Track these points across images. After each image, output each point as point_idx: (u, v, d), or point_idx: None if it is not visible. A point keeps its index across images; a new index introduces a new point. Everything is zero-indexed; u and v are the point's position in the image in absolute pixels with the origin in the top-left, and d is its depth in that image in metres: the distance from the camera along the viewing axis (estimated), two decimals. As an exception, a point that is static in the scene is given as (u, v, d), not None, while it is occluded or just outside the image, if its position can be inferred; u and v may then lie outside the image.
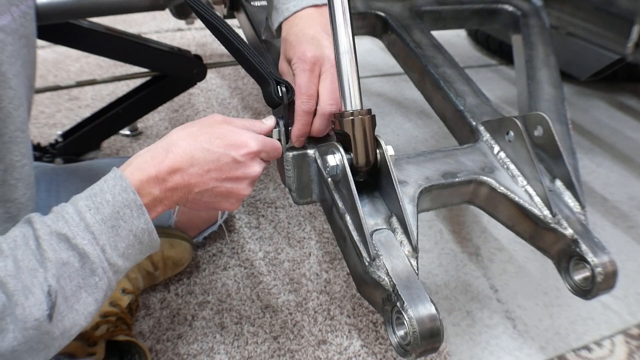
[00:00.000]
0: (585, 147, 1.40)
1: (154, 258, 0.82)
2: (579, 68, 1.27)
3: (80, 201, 0.48)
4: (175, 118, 1.39)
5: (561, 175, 0.64)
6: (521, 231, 0.63)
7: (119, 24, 1.30)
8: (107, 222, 0.47)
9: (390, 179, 0.53)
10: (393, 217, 0.55)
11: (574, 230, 0.58)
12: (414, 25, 0.92)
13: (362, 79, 1.80)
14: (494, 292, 0.93)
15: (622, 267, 1.00)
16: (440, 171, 0.61)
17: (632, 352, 0.83)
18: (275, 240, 1.00)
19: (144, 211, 0.49)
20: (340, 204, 0.54)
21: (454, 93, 0.77)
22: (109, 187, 0.49)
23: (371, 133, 0.54)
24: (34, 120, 1.33)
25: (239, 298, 0.87)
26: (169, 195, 0.51)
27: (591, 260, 0.55)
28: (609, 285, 0.55)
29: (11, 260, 0.43)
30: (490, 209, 0.64)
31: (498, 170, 0.63)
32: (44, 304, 0.43)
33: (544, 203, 0.60)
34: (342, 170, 0.52)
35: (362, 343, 0.81)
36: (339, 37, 0.54)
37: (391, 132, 1.42)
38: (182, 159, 0.51)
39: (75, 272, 0.46)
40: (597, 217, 1.13)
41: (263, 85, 0.58)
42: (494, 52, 1.95)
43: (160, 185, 0.50)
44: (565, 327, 0.87)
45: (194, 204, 0.54)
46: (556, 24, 1.16)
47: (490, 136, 0.68)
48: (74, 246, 0.45)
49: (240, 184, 0.54)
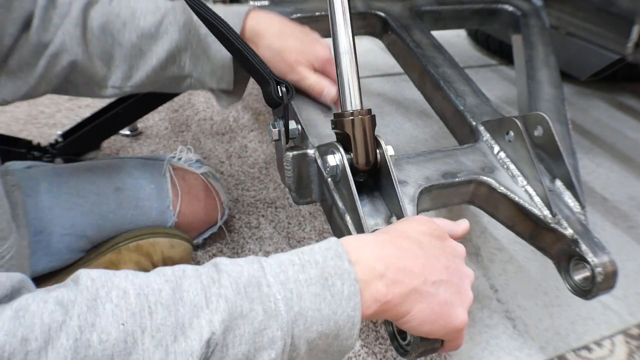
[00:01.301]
0: (585, 147, 1.40)
1: (154, 259, 0.82)
2: (579, 68, 1.28)
3: (283, 255, 0.39)
4: (175, 118, 1.39)
5: (561, 175, 0.64)
6: (521, 231, 0.63)
7: (119, 24, 1.31)
8: (311, 287, 0.36)
9: (390, 179, 0.53)
10: (393, 217, 0.55)
11: (574, 230, 0.58)
12: (413, 25, 0.92)
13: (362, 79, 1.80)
14: (494, 292, 0.93)
15: (622, 267, 1.00)
16: (440, 171, 0.62)
17: (632, 352, 0.83)
18: (275, 240, 1.00)
19: (357, 290, 0.37)
20: (340, 204, 0.54)
21: (454, 93, 0.77)
22: (320, 248, 0.39)
23: (371, 133, 0.54)
24: (34, 120, 1.33)
25: (239, 298, 0.87)
26: (391, 289, 0.39)
27: (591, 260, 0.55)
28: (609, 285, 0.55)
29: (170, 287, 0.34)
30: (490, 208, 0.64)
31: (498, 170, 0.63)
32: (195, 354, 0.32)
33: (544, 203, 0.60)
34: (342, 170, 0.52)
35: (362, 343, 0.81)
36: (338, 37, 0.54)
37: (391, 132, 1.42)
38: None
39: (250, 333, 0.34)
40: (597, 217, 1.13)
41: (263, 85, 0.58)
42: (494, 52, 1.95)
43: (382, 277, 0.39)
44: (565, 327, 0.87)
45: (427, 306, 0.40)
46: (556, 24, 1.16)
47: (490, 136, 0.68)
48: (264, 296, 0.35)
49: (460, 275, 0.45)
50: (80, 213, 0.75)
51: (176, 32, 0.62)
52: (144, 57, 0.63)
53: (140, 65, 0.64)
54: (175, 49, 0.63)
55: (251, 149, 1.28)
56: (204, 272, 0.36)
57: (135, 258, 0.80)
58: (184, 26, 0.63)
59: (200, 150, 1.26)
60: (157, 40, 0.62)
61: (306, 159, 0.58)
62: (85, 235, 0.76)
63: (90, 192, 0.77)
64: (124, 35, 0.62)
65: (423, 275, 0.40)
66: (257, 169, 1.20)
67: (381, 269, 0.39)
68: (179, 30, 0.63)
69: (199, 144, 1.29)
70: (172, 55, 0.63)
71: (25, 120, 1.32)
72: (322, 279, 0.37)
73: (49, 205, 0.73)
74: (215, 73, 0.66)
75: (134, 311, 0.32)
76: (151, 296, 0.33)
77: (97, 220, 0.77)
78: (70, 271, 0.76)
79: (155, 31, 0.62)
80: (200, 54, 0.64)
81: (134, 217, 0.80)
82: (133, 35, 0.62)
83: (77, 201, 0.75)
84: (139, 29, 0.62)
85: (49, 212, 0.72)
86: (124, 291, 0.33)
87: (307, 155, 0.58)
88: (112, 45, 0.62)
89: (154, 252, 0.82)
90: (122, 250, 0.79)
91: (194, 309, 0.33)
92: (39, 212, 0.72)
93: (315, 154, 0.57)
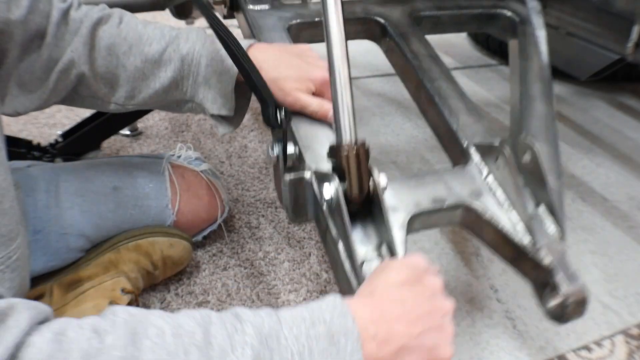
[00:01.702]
0: (585, 147, 1.40)
1: (154, 258, 0.82)
2: (579, 68, 1.28)
3: (294, 310, 0.43)
4: (175, 118, 1.39)
5: (545, 202, 0.67)
6: (503, 255, 0.67)
7: (119, 23, 1.30)
8: (320, 343, 0.40)
9: (381, 209, 0.56)
10: (383, 245, 0.58)
11: (552, 260, 0.61)
12: (412, 33, 0.93)
13: (362, 79, 1.81)
14: (494, 292, 0.93)
15: (622, 267, 1.01)
16: (430, 196, 0.64)
17: (632, 352, 0.83)
18: (275, 240, 1.00)
19: (360, 347, 0.41)
20: (334, 231, 0.57)
21: (447, 110, 0.78)
22: (327, 306, 0.43)
23: (365, 166, 0.56)
24: (34, 120, 1.33)
25: (239, 298, 0.87)
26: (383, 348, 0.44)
27: (564, 291, 0.60)
28: (579, 312, 0.61)
29: (201, 331, 0.38)
30: (476, 231, 0.68)
31: (485, 196, 0.66)
32: None
33: (526, 232, 0.63)
34: (337, 201, 0.54)
35: (362, 343, 0.81)
36: (336, 74, 0.55)
37: (391, 132, 1.42)
38: None
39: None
40: (597, 217, 1.13)
41: (262, 105, 0.60)
42: (494, 52, 1.95)
43: None
44: (565, 327, 0.87)
45: (416, 356, 0.46)
46: (556, 24, 1.16)
47: (480, 159, 0.70)
48: (282, 348, 0.38)
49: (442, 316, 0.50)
50: (79, 212, 0.75)
51: (179, 61, 0.65)
52: (146, 81, 0.66)
53: (143, 88, 0.66)
54: (177, 76, 0.66)
55: (251, 149, 1.28)
56: (227, 320, 0.40)
57: (134, 257, 0.80)
58: (187, 55, 0.66)
59: (200, 150, 1.26)
60: (160, 67, 0.65)
61: (303, 183, 0.61)
62: (84, 235, 0.76)
63: (88, 191, 0.77)
64: (128, 58, 0.64)
65: (408, 332, 0.45)
66: (257, 169, 1.20)
67: (373, 330, 0.43)
68: (182, 59, 0.65)
69: (199, 143, 1.29)
70: (174, 81, 0.66)
71: (25, 120, 1.32)
72: (329, 335, 0.40)
73: (47, 204, 0.73)
74: (217, 101, 0.68)
75: (170, 350, 0.35)
76: (186, 337, 0.36)
77: (96, 220, 0.77)
78: (70, 271, 0.76)
79: (159, 58, 0.65)
80: (201, 82, 0.67)
81: (132, 216, 0.80)
82: (138, 59, 0.65)
83: (76, 200, 0.75)
84: (143, 54, 0.65)
85: (47, 211, 0.72)
86: (162, 330, 0.36)
87: (304, 179, 0.60)
88: (116, 66, 0.65)
89: (154, 252, 0.82)
90: (121, 250, 0.79)
91: (222, 354, 0.36)
92: (37, 212, 0.72)
93: (311, 178, 0.60)
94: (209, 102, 0.68)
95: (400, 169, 1.26)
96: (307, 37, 0.91)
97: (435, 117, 0.81)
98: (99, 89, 0.66)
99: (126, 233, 0.80)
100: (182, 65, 0.66)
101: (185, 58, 0.66)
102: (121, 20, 0.66)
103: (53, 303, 0.73)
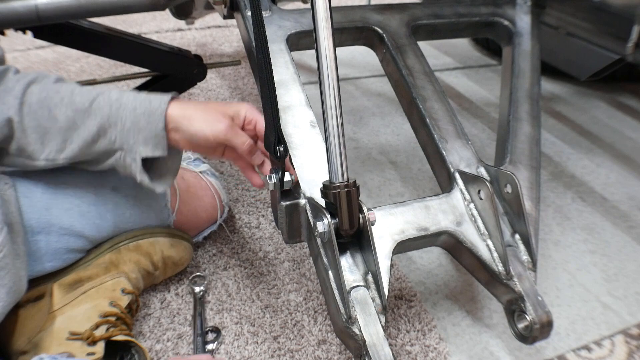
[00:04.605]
0: (585, 147, 1.40)
1: (154, 258, 0.82)
2: (579, 68, 1.27)
3: None
4: (175, 118, 1.39)
5: (521, 232, 0.74)
6: (479, 278, 0.74)
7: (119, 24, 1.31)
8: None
9: (369, 242, 0.61)
10: (369, 275, 0.63)
11: (523, 288, 0.69)
12: (408, 45, 0.94)
13: (362, 79, 1.81)
14: (494, 292, 0.93)
15: (622, 267, 1.01)
16: (414, 225, 0.70)
17: (632, 352, 0.83)
18: (275, 240, 1.00)
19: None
20: (325, 259, 0.62)
21: (437, 133, 0.82)
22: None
23: (356, 203, 0.60)
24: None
25: (239, 298, 0.87)
26: None
27: (531, 317, 0.67)
28: (545, 335, 0.68)
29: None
30: (455, 255, 0.75)
31: (466, 224, 0.72)
32: None
33: (501, 260, 0.69)
34: (329, 236, 0.59)
35: (362, 343, 0.81)
36: (329, 116, 0.58)
37: (391, 133, 1.42)
38: None
39: None
40: (597, 217, 1.13)
41: (266, 132, 0.63)
42: (494, 52, 1.95)
43: None
44: (565, 327, 0.87)
45: None
46: (556, 24, 1.16)
47: (464, 186, 0.75)
48: None
49: None
50: (78, 213, 0.75)
51: (107, 107, 0.67)
52: (77, 130, 0.67)
53: (74, 138, 0.67)
54: (106, 123, 0.67)
55: (251, 149, 1.28)
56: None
57: (135, 258, 0.80)
58: (116, 101, 0.68)
59: (200, 150, 1.26)
60: (90, 115, 0.67)
61: (298, 209, 0.65)
62: (84, 235, 0.76)
63: (87, 192, 0.77)
64: (60, 109, 0.66)
65: None
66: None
67: None
68: (110, 106, 0.67)
69: (198, 144, 1.29)
70: (102, 128, 0.67)
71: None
72: None
73: (46, 205, 0.73)
74: (149, 142, 0.68)
75: None
76: None
77: (96, 220, 0.77)
78: (70, 271, 0.76)
79: (89, 106, 0.67)
80: (130, 127, 0.68)
81: (132, 216, 0.80)
82: (69, 109, 0.66)
83: (75, 201, 0.75)
84: (74, 104, 0.67)
85: (46, 212, 0.72)
86: None
87: (299, 206, 0.65)
88: (47, 118, 0.66)
89: (154, 252, 0.82)
90: (121, 250, 0.79)
91: None
92: (36, 213, 0.72)
93: (306, 205, 0.64)
94: (141, 145, 0.68)
95: (400, 169, 1.26)
96: (306, 45, 0.91)
97: (425, 137, 0.86)
98: (27, 145, 0.67)
99: (126, 233, 0.80)
100: (110, 112, 0.67)
101: (114, 104, 0.67)
102: (57, 80, 0.69)
103: (53, 303, 0.73)
